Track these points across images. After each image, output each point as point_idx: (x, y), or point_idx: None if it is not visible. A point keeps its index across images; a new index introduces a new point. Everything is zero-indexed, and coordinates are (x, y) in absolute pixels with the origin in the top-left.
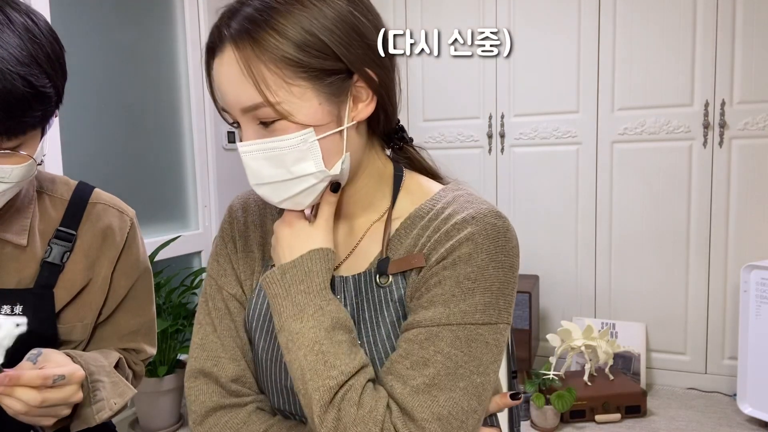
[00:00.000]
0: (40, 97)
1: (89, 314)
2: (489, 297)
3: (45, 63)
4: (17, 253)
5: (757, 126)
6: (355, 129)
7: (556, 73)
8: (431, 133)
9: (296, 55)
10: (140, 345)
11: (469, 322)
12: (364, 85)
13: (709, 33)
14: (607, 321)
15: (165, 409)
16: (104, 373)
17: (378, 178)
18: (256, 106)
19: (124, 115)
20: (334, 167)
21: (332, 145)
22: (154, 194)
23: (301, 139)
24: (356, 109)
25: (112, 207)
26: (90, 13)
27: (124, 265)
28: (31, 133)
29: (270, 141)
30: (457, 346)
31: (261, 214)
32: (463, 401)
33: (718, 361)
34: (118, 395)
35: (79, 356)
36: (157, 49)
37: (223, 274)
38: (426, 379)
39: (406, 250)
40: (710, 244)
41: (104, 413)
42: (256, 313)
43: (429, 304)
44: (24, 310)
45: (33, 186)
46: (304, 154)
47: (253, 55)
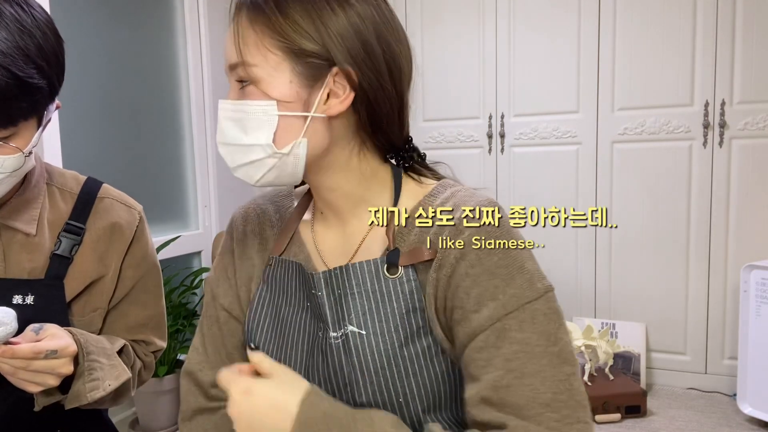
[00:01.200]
0: (25, 88)
1: (102, 304)
2: (525, 273)
3: (35, 54)
4: (27, 242)
5: (757, 126)
6: (326, 123)
7: (556, 74)
8: (431, 133)
9: (282, 25)
10: (149, 337)
11: (523, 303)
12: (344, 83)
13: (709, 33)
14: (607, 321)
15: (165, 409)
16: (104, 354)
17: (368, 177)
18: (236, 65)
19: (125, 115)
20: (285, 147)
21: (291, 126)
22: (154, 194)
23: (262, 109)
24: (328, 102)
25: (120, 202)
26: (90, 13)
27: (132, 257)
28: (23, 124)
29: (240, 103)
30: (524, 329)
31: (260, 222)
32: (557, 372)
33: (718, 361)
34: (114, 378)
35: (81, 335)
36: (158, 50)
37: (219, 285)
38: (516, 374)
39: (412, 245)
40: (710, 244)
41: (97, 392)
42: (257, 316)
43: (477, 305)
44: (35, 299)
45: (43, 178)
46: (261, 125)
47: (247, 17)
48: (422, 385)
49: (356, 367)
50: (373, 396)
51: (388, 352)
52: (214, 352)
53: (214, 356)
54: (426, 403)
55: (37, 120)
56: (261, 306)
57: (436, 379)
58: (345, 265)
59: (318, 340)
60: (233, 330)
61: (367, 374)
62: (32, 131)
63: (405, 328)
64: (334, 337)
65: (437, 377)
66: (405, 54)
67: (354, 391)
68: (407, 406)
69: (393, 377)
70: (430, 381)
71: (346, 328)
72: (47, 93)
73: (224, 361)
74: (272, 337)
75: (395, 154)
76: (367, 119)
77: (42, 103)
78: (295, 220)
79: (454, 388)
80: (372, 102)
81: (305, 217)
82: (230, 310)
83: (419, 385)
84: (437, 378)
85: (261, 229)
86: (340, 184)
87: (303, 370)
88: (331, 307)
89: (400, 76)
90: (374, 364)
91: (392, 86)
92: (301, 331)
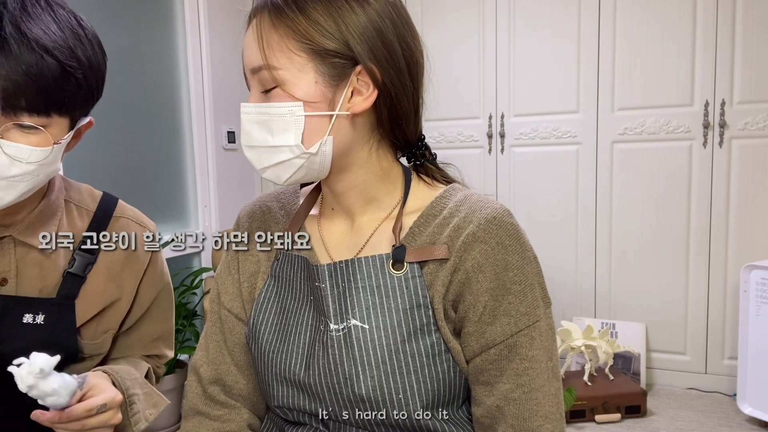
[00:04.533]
0: (67, 78)
1: (113, 324)
2: (535, 290)
3: (81, 56)
4: (41, 260)
5: (757, 126)
6: (350, 121)
7: (556, 73)
8: (431, 133)
9: (305, 27)
10: (162, 351)
11: (533, 321)
12: (367, 81)
13: (709, 33)
14: (607, 321)
15: (165, 409)
16: (138, 385)
17: (382, 175)
18: (260, 68)
19: (125, 115)
20: (313, 146)
21: (317, 126)
22: (154, 194)
23: (288, 110)
24: (353, 100)
25: (135, 222)
26: (90, 13)
27: (149, 278)
28: (57, 118)
29: (264, 106)
30: (534, 346)
31: (265, 219)
32: (552, 387)
33: (718, 361)
34: (152, 405)
35: (115, 373)
36: (158, 50)
37: (222, 282)
38: (525, 388)
39: (422, 244)
40: (710, 244)
41: (141, 425)
42: (261, 309)
43: (492, 318)
44: (45, 319)
45: (62, 193)
46: (288, 126)
47: (269, 21)
48: (422, 383)
49: (357, 361)
50: (373, 391)
51: (390, 347)
52: (216, 348)
53: (215, 353)
54: (425, 402)
55: (69, 121)
56: (267, 299)
57: (437, 377)
58: (351, 259)
59: (320, 333)
60: (233, 328)
61: (368, 368)
62: (63, 131)
63: (408, 323)
64: (335, 330)
65: (438, 376)
66: (420, 51)
67: (354, 385)
68: (406, 404)
69: (394, 372)
70: (431, 379)
71: (348, 322)
72: (84, 95)
73: (225, 357)
74: (275, 330)
75: (408, 152)
76: (388, 116)
77: (78, 103)
78: (301, 217)
79: (454, 389)
80: (393, 99)
81: (312, 213)
82: (231, 308)
83: (419, 383)
84: (438, 377)
85: (266, 226)
86: (357, 182)
87: (303, 363)
88: (334, 299)
89: (417, 73)
90: (375, 358)
91: (411, 83)
92: (304, 324)
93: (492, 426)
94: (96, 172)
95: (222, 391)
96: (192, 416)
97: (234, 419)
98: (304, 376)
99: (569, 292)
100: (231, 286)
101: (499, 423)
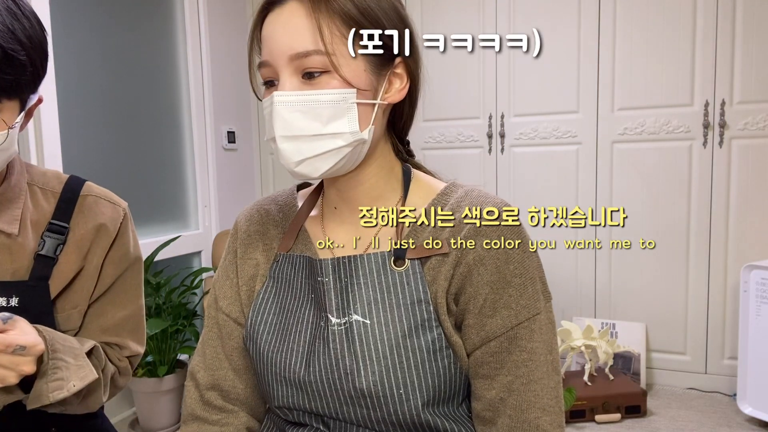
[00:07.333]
0: (10, 61)
1: (82, 301)
2: (536, 284)
3: (21, 35)
4: (9, 243)
5: (757, 126)
6: (383, 112)
7: (556, 74)
8: (431, 133)
9: (358, 15)
10: (125, 340)
11: (533, 314)
12: (402, 72)
13: (709, 33)
14: (607, 321)
15: (165, 409)
16: (71, 354)
17: (388, 171)
18: (308, 53)
19: (125, 115)
20: (365, 131)
21: (364, 114)
22: (154, 194)
23: (343, 96)
24: (390, 90)
25: (104, 199)
26: (90, 13)
27: (114, 254)
28: (6, 102)
29: (311, 93)
30: (534, 339)
31: (263, 222)
32: (551, 380)
33: (718, 361)
34: (80, 378)
35: (48, 332)
36: (158, 50)
37: (220, 287)
38: (524, 380)
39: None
40: (710, 244)
41: (60, 393)
42: (260, 310)
43: (492, 311)
44: (20, 301)
45: (24, 177)
46: (342, 113)
47: (319, 5)
48: (423, 378)
49: (358, 356)
50: (374, 386)
51: (391, 342)
52: (212, 354)
53: (211, 358)
54: (426, 397)
55: (19, 103)
56: (266, 300)
57: (437, 373)
58: (353, 255)
59: (320, 330)
60: (231, 332)
61: (369, 363)
62: (14, 114)
63: (409, 319)
64: (337, 324)
65: (439, 372)
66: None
67: (355, 380)
68: (407, 399)
69: (395, 367)
70: (432, 375)
71: (350, 317)
72: (31, 75)
73: (222, 363)
74: (274, 330)
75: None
76: (408, 110)
77: (25, 85)
78: (302, 218)
79: (455, 386)
80: (415, 93)
81: (312, 214)
82: (229, 312)
83: (420, 378)
84: (439, 373)
85: (265, 229)
86: (369, 177)
87: (303, 361)
88: (336, 293)
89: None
90: (377, 353)
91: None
92: (304, 322)
93: (492, 419)
94: (96, 172)
95: (219, 396)
96: (191, 422)
97: (232, 423)
98: (304, 374)
99: (569, 292)
100: (229, 291)
101: (499, 416)
